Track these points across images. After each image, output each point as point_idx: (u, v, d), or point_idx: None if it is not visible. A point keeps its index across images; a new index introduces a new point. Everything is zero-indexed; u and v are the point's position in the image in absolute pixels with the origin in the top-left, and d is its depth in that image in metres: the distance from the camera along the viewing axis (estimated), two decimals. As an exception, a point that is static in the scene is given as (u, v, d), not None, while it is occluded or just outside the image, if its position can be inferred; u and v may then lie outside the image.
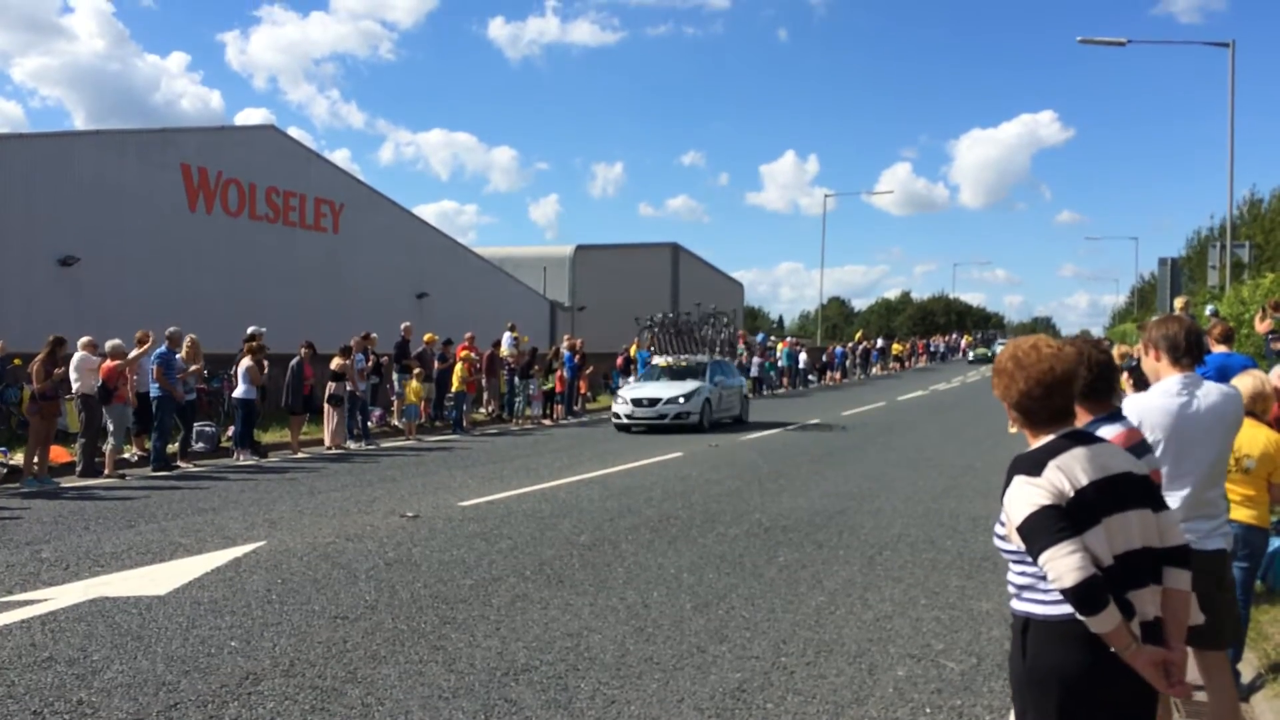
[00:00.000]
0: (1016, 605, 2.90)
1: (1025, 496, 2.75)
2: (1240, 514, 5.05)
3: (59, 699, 5.00)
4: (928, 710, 4.96)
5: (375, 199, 33.08)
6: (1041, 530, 2.68)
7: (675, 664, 5.62)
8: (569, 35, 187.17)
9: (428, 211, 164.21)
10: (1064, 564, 2.62)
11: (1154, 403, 4.11)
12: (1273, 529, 6.09)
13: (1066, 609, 2.70)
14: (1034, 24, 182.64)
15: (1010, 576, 2.93)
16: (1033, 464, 2.80)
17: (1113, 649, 2.67)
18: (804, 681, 5.35)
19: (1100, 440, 2.93)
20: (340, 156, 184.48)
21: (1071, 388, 2.90)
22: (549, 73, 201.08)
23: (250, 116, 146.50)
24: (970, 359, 68.71)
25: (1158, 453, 3.93)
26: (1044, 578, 2.74)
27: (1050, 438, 2.87)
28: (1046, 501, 2.71)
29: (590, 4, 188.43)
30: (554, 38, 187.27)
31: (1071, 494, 2.73)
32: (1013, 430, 3.03)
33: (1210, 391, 4.24)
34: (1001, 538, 2.91)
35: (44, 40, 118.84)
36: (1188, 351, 4.19)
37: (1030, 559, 2.76)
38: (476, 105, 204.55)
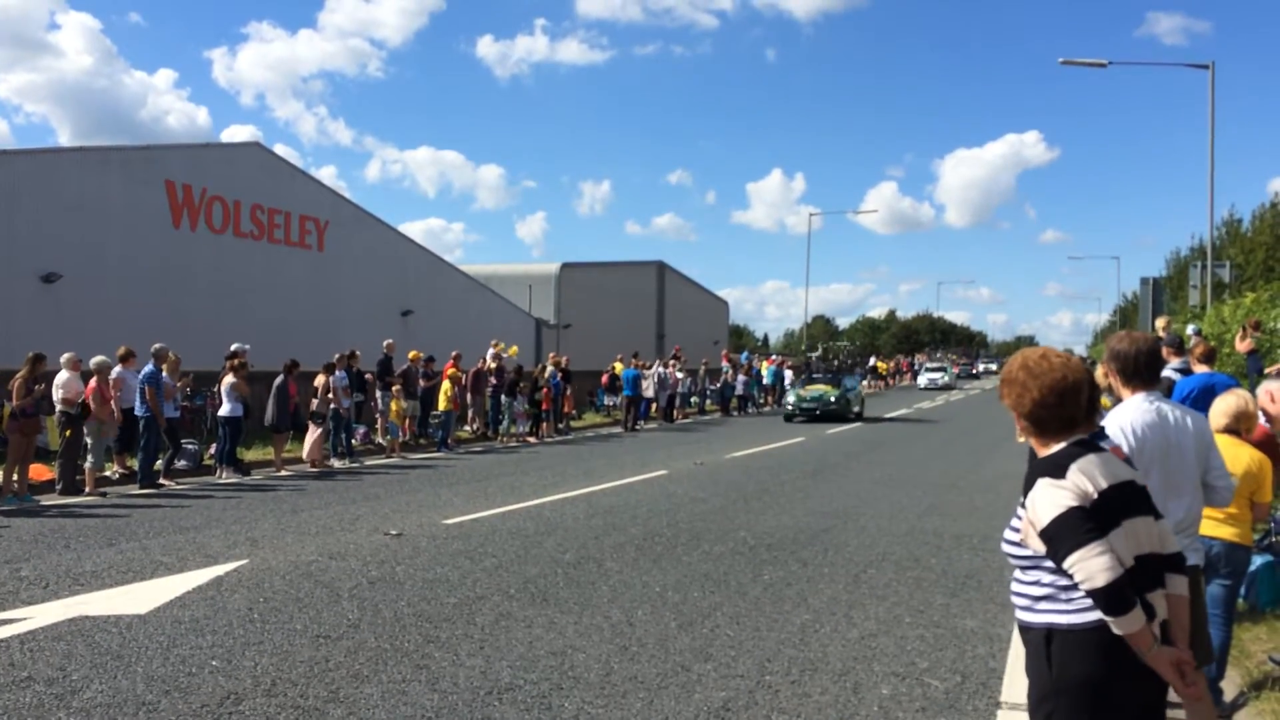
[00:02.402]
0: (1031, 617, 2.90)
1: (1052, 499, 2.77)
2: (1223, 531, 5.09)
3: (37, 719, 4.94)
4: (913, 729, 4.95)
5: (360, 216, 33.05)
6: (1069, 531, 2.71)
7: (660, 683, 5.59)
8: (557, 54, 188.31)
9: (414, 229, 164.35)
10: (1095, 564, 2.65)
11: (1141, 417, 4.06)
12: (1255, 547, 6.13)
13: (1093, 616, 2.72)
14: (1021, 45, 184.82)
15: (1021, 588, 2.93)
16: (1054, 467, 2.84)
17: (1136, 650, 2.70)
18: (789, 700, 5.34)
19: (1104, 449, 2.97)
20: (327, 174, 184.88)
21: (1081, 396, 2.93)
22: (537, 91, 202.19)
23: (237, 133, 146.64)
24: (791, 404, 30.21)
25: (1149, 467, 3.92)
26: (1066, 586, 2.77)
27: (1062, 445, 2.90)
28: (1073, 503, 2.74)
29: (579, 23, 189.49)
30: (543, 56, 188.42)
31: (1095, 495, 2.76)
32: (1020, 440, 3.05)
33: (1178, 408, 4.25)
34: (1015, 544, 2.92)
35: (30, 56, 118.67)
36: (1137, 373, 4.13)
37: (1052, 563, 2.77)
38: (464, 123, 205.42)
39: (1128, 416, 4.07)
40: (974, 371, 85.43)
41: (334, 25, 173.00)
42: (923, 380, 58.81)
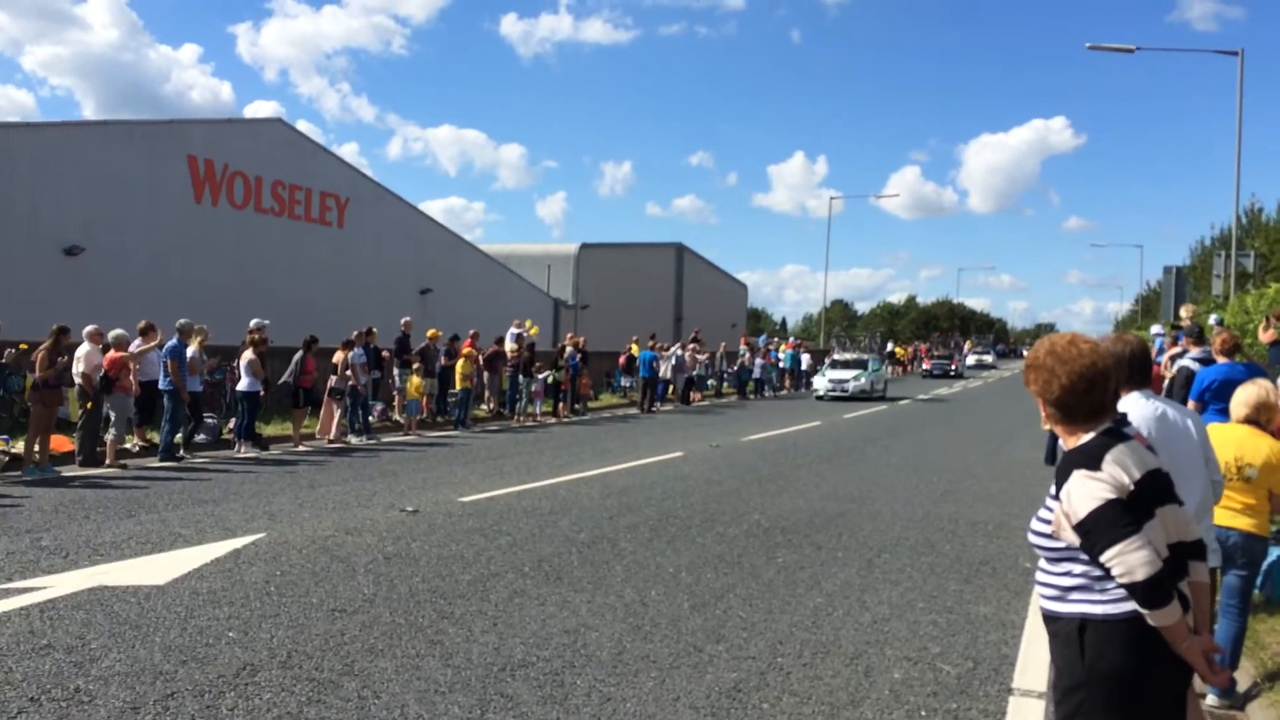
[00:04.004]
0: (1061, 607, 2.88)
1: (1089, 491, 2.73)
2: (1240, 522, 5.06)
3: (56, 686, 5.01)
4: (923, 713, 4.95)
5: (381, 194, 33.10)
6: (1108, 525, 2.69)
7: (672, 662, 5.62)
8: (581, 33, 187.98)
9: (434, 207, 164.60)
10: (1135, 558, 2.63)
11: (1141, 411, 4.00)
12: (1272, 538, 6.09)
13: (1128, 607, 2.70)
14: (1048, 29, 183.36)
15: (1050, 578, 2.91)
16: (1089, 458, 2.79)
17: (1170, 641, 2.69)
18: (800, 682, 5.35)
19: (1130, 437, 2.94)
20: (349, 150, 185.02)
21: (1110, 384, 2.90)
22: (560, 70, 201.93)
23: (260, 109, 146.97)
24: None
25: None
26: (1100, 576, 2.75)
27: (1092, 434, 2.87)
28: (1111, 495, 2.71)
29: (604, 2, 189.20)
30: (566, 35, 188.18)
31: (1131, 487, 2.73)
32: (1045, 427, 3.02)
33: (1175, 406, 4.22)
34: (1046, 535, 2.89)
35: (56, 29, 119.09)
36: (1131, 375, 4.05)
37: (1087, 555, 2.75)
38: (487, 102, 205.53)
39: (1129, 413, 4.01)
40: (953, 369, 58.53)
41: (358, 1, 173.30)
42: (821, 384, 34.36)
